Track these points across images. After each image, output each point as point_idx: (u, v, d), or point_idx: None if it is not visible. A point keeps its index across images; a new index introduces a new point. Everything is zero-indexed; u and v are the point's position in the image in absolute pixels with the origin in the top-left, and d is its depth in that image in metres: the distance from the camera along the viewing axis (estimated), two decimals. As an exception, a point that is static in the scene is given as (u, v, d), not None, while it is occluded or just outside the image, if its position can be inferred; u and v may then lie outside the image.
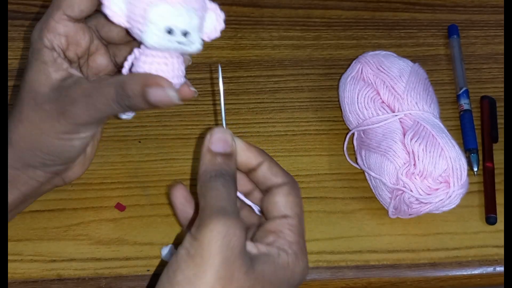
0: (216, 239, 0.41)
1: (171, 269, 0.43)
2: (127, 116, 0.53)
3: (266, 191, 0.48)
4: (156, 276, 0.57)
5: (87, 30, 0.53)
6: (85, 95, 0.49)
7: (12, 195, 0.55)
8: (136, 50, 0.48)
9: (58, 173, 0.56)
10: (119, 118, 0.53)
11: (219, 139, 0.47)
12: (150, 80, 0.47)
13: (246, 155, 0.48)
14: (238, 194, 0.49)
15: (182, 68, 0.49)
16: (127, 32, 0.49)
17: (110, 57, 0.55)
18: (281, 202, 0.47)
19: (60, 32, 0.51)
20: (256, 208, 0.50)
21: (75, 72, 0.51)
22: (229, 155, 0.47)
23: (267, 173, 0.48)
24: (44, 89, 0.51)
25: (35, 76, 0.51)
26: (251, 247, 0.44)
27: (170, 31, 0.45)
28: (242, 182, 0.50)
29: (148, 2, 0.45)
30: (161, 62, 0.48)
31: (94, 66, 0.55)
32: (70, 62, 0.52)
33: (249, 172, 0.49)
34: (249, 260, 0.43)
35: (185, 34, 0.46)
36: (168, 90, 0.47)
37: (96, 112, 0.50)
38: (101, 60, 0.55)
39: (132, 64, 0.49)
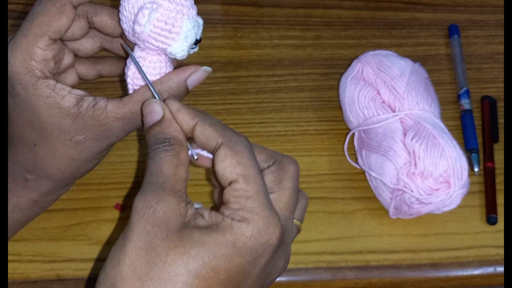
0: (134, 217, 0.41)
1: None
2: None
3: None
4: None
5: (65, 46, 0.53)
6: (119, 118, 0.50)
7: (35, 213, 0.56)
8: (137, 56, 0.50)
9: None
10: None
11: (146, 114, 0.46)
12: (187, 72, 0.50)
13: (179, 118, 0.46)
14: (196, 150, 0.46)
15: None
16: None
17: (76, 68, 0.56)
18: (221, 170, 0.43)
19: (48, 57, 0.49)
20: None
21: (78, 91, 0.50)
22: (160, 121, 0.45)
23: (201, 138, 0.45)
24: (66, 122, 0.49)
25: (48, 112, 0.49)
26: (198, 218, 0.42)
27: (196, 42, 0.49)
28: None
29: (175, 18, 0.48)
30: (162, 60, 0.50)
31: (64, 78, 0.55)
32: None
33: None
34: (177, 227, 0.41)
35: (197, 42, 0.50)
36: (202, 69, 0.50)
37: (134, 128, 0.51)
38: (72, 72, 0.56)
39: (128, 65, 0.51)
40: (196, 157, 0.46)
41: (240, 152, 0.43)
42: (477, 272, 0.58)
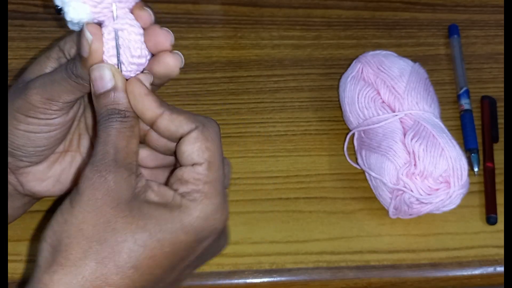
0: (83, 184, 0.43)
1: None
2: None
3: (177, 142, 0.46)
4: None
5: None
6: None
7: None
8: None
9: (11, 168, 0.53)
10: None
11: (95, 79, 0.45)
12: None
13: (142, 103, 0.45)
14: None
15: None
16: None
17: None
18: (188, 150, 0.44)
19: None
20: None
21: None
22: (113, 90, 0.45)
23: (170, 127, 0.45)
24: (31, 77, 0.50)
25: (32, 65, 0.51)
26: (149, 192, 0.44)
27: None
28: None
29: None
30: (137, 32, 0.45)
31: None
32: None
33: (152, 125, 0.46)
34: (128, 197, 0.42)
35: None
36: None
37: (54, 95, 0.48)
38: None
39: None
40: None
41: (210, 139, 0.44)
42: (477, 272, 0.58)
